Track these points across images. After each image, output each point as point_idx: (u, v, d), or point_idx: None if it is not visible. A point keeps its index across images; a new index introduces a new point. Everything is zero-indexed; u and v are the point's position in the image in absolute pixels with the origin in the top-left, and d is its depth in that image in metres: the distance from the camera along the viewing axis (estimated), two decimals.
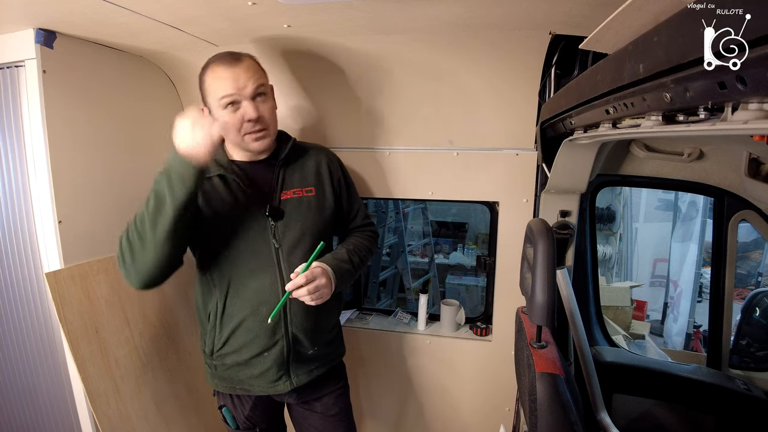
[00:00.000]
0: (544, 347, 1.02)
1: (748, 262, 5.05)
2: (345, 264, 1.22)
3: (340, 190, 1.33)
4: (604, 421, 1.31)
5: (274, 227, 1.18)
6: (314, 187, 1.26)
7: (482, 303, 2.03)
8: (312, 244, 1.18)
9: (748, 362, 1.59)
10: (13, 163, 1.27)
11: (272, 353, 1.20)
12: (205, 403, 1.69)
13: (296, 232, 1.20)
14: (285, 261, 1.18)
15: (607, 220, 4.84)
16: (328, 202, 1.28)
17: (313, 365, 1.28)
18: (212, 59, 1.14)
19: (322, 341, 1.29)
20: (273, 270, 1.18)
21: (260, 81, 1.14)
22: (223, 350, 1.22)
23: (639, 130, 0.70)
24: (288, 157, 1.24)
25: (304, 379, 1.26)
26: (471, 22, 1.21)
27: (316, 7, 1.09)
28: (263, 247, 1.17)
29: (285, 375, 1.23)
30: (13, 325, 1.37)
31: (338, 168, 1.35)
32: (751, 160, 1.16)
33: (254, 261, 1.17)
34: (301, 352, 1.24)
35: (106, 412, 1.28)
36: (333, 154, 1.36)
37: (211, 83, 1.12)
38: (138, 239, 1.03)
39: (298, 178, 1.25)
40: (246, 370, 1.22)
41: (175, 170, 1.00)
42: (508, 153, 1.56)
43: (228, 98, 1.10)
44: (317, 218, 1.24)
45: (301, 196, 1.23)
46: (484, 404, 1.78)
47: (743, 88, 0.37)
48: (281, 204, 1.20)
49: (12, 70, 1.23)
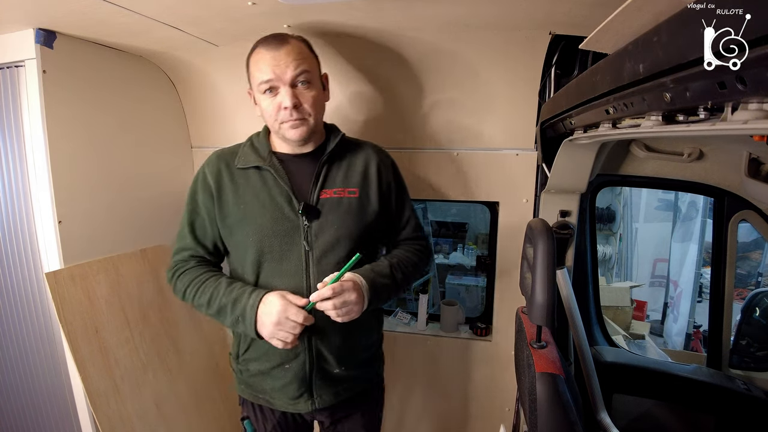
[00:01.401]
0: (544, 347, 1.02)
1: (748, 262, 5.05)
2: (384, 279, 1.09)
3: (389, 195, 1.19)
4: (604, 421, 1.31)
5: (308, 228, 1.08)
6: (359, 188, 1.13)
7: (482, 303, 2.03)
8: (347, 252, 1.08)
9: (748, 362, 1.59)
10: (13, 163, 1.27)
11: (293, 366, 1.10)
12: (205, 403, 1.69)
13: (331, 235, 1.08)
14: (314, 266, 1.08)
15: (607, 220, 4.83)
16: (372, 206, 1.14)
17: (339, 387, 1.15)
18: (259, 40, 1.07)
19: (353, 361, 1.16)
20: (300, 274, 1.07)
21: (304, 66, 1.03)
22: (246, 355, 1.15)
23: (639, 130, 0.70)
24: (334, 153, 1.13)
25: (329, 401, 1.14)
26: (471, 22, 1.22)
27: (316, 7, 1.09)
28: (292, 249, 1.07)
29: (307, 393, 1.13)
30: (13, 325, 1.37)
31: (390, 170, 1.21)
32: (751, 160, 1.16)
33: (282, 263, 1.08)
34: (326, 370, 1.12)
35: (106, 412, 1.28)
36: (386, 155, 1.23)
37: (252, 66, 1.06)
38: (194, 305, 1.12)
39: (342, 177, 1.13)
40: (269, 380, 1.14)
41: (243, 325, 1.03)
42: (508, 153, 1.56)
43: (265, 84, 1.03)
44: (356, 223, 1.11)
45: (342, 196, 1.11)
46: (484, 404, 1.78)
47: (743, 88, 0.37)
48: (318, 203, 1.09)
49: (12, 70, 1.23)
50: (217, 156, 1.15)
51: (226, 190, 1.10)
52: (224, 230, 1.12)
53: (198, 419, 1.64)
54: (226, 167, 1.12)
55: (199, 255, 1.15)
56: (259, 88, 1.04)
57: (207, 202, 1.11)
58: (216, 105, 1.73)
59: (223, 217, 1.10)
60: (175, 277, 1.14)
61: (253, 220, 1.08)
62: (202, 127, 1.81)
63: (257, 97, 1.07)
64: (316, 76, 1.09)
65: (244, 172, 1.11)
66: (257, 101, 1.08)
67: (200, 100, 1.74)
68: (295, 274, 1.08)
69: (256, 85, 1.05)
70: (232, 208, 1.09)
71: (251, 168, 1.10)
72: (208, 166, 1.13)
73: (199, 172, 1.15)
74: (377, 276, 1.08)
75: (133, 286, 1.47)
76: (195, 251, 1.15)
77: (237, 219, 1.09)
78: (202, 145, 1.84)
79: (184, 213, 1.15)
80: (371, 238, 1.17)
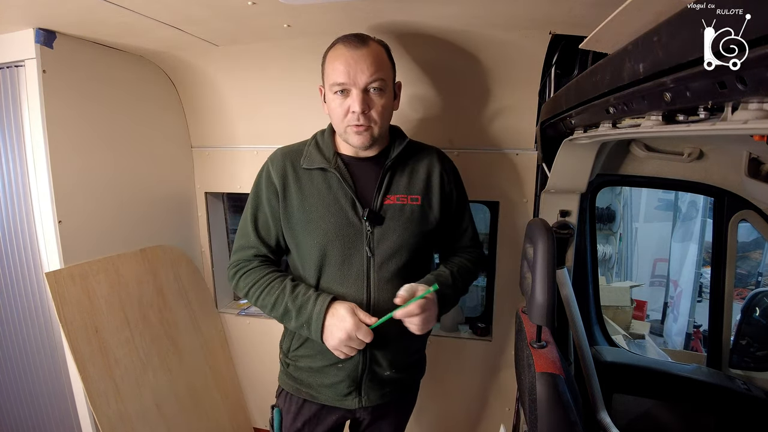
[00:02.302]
0: (544, 347, 1.02)
1: (748, 262, 5.06)
2: (448, 289, 1.11)
3: (450, 203, 1.18)
4: (604, 421, 1.31)
5: (370, 234, 1.07)
6: (421, 195, 1.12)
7: (482, 303, 2.03)
8: (408, 259, 1.09)
9: (748, 362, 1.59)
10: (13, 163, 1.27)
11: (346, 367, 1.11)
12: (205, 403, 1.69)
13: (393, 242, 1.08)
14: (375, 273, 1.07)
15: (607, 220, 4.84)
16: (434, 215, 1.14)
17: (387, 388, 1.17)
18: (338, 39, 1.04)
19: (402, 365, 1.17)
20: (361, 280, 1.07)
21: (379, 74, 1.01)
22: (298, 351, 1.16)
23: (639, 130, 0.70)
24: (399, 158, 1.12)
25: (375, 401, 1.16)
26: (471, 22, 1.22)
27: (316, 7, 1.09)
28: (355, 254, 1.07)
29: (356, 391, 1.14)
30: (13, 325, 1.37)
31: (452, 178, 1.19)
32: (751, 160, 1.16)
33: (344, 268, 1.07)
34: (377, 372, 1.13)
35: (106, 412, 1.28)
36: (450, 162, 1.22)
37: (328, 64, 1.04)
38: (258, 306, 1.12)
39: (406, 183, 1.12)
40: (318, 377, 1.14)
41: (309, 331, 1.04)
42: (508, 153, 1.56)
43: (338, 86, 1.01)
44: (418, 231, 1.10)
45: (405, 203, 1.10)
46: (484, 404, 1.78)
47: (743, 88, 0.37)
48: (382, 209, 1.09)
49: (12, 70, 1.23)
50: (282, 154, 1.13)
51: (291, 190, 1.09)
52: (287, 231, 1.11)
53: (198, 419, 1.64)
54: (291, 166, 1.10)
55: (263, 254, 1.15)
56: (331, 88, 1.02)
57: (272, 201, 1.11)
58: (216, 105, 1.73)
59: (287, 218, 1.10)
60: (238, 275, 1.14)
61: (317, 223, 1.07)
62: (202, 127, 1.81)
63: (327, 95, 1.06)
64: (390, 83, 1.07)
65: (308, 173, 1.10)
66: (326, 100, 1.07)
67: (200, 100, 1.74)
68: (357, 280, 1.07)
69: (329, 85, 1.03)
70: (296, 210, 1.09)
71: (316, 169, 1.09)
72: (273, 164, 1.12)
73: (264, 168, 1.14)
74: (445, 287, 1.09)
75: (133, 286, 1.47)
76: (258, 250, 1.14)
77: (301, 221, 1.08)
78: (202, 145, 1.84)
79: (246, 209, 1.15)
80: (429, 245, 1.18)
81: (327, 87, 1.05)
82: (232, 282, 1.16)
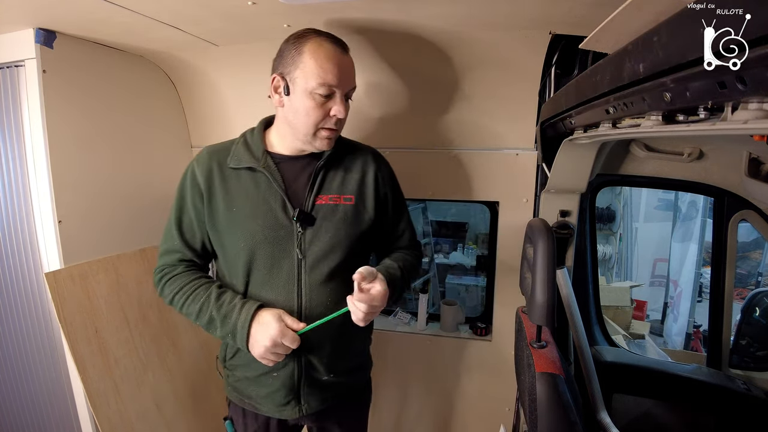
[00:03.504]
0: (544, 347, 1.02)
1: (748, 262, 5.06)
2: (397, 281, 1.07)
3: (386, 204, 1.15)
4: (604, 421, 1.31)
5: (302, 235, 1.03)
6: (355, 195, 1.08)
7: (482, 303, 2.03)
8: (341, 261, 1.05)
9: (748, 362, 1.59)
10: (13, 163, 1.27)
11: (281, 375, 1.06)
12: (205, 403, 1.69)
13: (325, 243, 1.04)
14: (307, 275, 1.03)
15: (607, 220, 4.84)
16: (368, 215, 1.10)
17: (328, 393, 1.12)
18: (320, 35, 0.97)
19: (342, 368, 1.12)
20: (291, 284, 1.03)
21: (355, 81, 1.04)
22: (234, 360, 1.12)
23: (639, 130, 0.70)
24: (332, 157, 1.08)
25: (316, 407, 1.11)
26: (471, 22, 1.21)
27: (315, 7, 1.09)
28: (285, 257, 1.03)
29: (294, 400, 1.09)
30: (13, 325, 1.37)
31: (388, 179, 1.16)
32: (751, 160, 1.16)
33: (273, 271, 1.03)
34: (315, 378, 1.08)
35: (106, 412, 1.28)
36: (384, 162, 1.18)
37: (312, 60, 0.95)
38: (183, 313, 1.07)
39: (339, 183, 1.08)
40: (255, 387, 1.10)
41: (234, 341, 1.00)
42: (508, 153, 1.56)
43: (327, 88, 0.96)
44: (351, 232, 1.07)
45: (338, 203, 1.06)
46: (484, 404, 1.78)
47: (743, 88, 0.37)
48: (314, 209, 1.04)
49: (12, 70, 1.23)
50: (209, 153, 1.08)
51: (217, 190, 1.04)
52: (213, 233, 1.06)
53: (197, 419, 1.64)
54: (217, 166, 1.06)
55: (188, 258, 1.10)
56: (313, 87, 0.96)
57: (196, 203, 1.05)
58: (216, 105, 1.73)
59: (212, 220, 1.05)
60: (162, 281, 1.09)
61: (243, 225, 1.02)
62: (202, 127, 1.81)
63: (299, 91, 0.97)
64: None
65: (236, 173, 1.04)
66: (293, 94, 0.98)
67: (200, 100, 1.74)
68: (287, 284, 1.03)
69: (311, 82, 0.95)
70: (222, 211, 1.04)
71: (244, 168, 1.04)
72: (199, 163, 1.07)
73: (189, 168, 1.08)
74: (394, 278, 1.06)
75: (133, 286, 1.47)
76: (183, 254, 1.09)
77: (227, 224, 1.03)
78: (202, 145, 1.83)
79: (171, 210, 1.10)
80: (365, 247, 1.14)
81: (302, 84, 0.96)
82: (157, 288, 1.11)
